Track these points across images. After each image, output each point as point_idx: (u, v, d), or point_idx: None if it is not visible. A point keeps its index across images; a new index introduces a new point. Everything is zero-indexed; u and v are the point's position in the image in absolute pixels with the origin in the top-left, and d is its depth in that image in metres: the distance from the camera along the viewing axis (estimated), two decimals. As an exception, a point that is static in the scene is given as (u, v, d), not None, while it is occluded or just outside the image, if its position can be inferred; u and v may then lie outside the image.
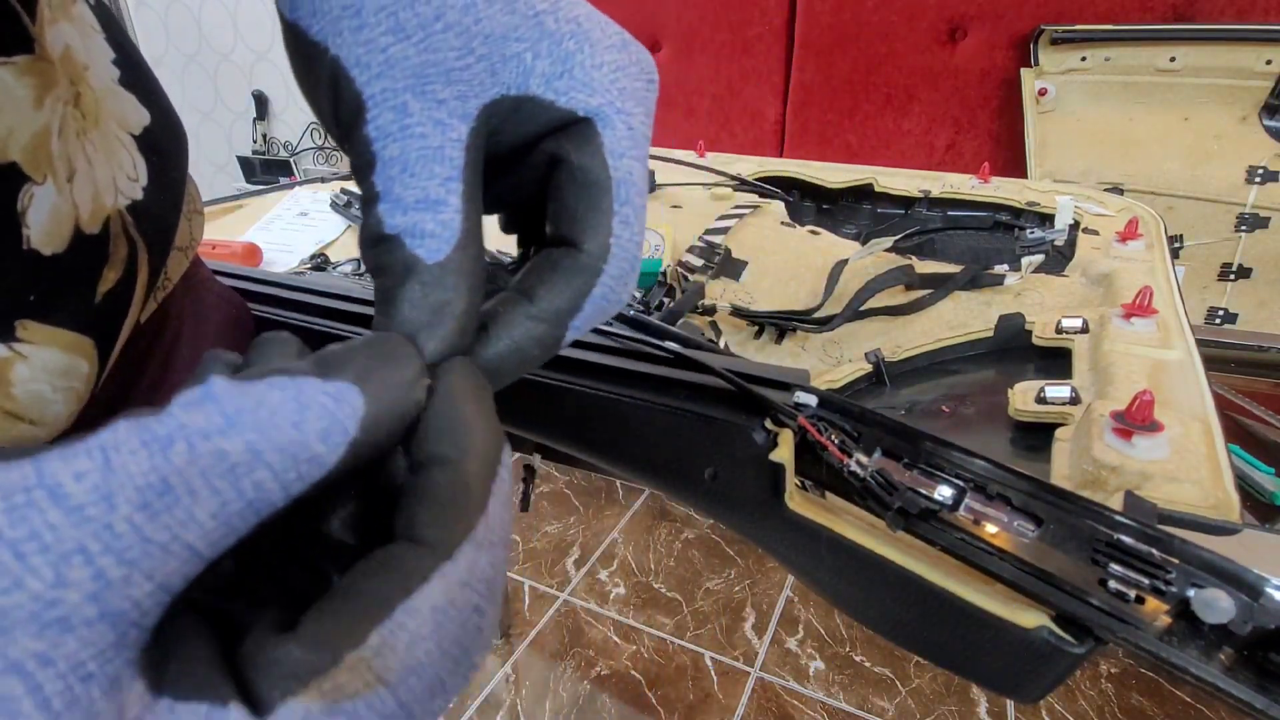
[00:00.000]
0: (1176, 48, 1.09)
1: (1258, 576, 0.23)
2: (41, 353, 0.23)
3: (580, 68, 0.19)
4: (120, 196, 0.27)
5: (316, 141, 2.36)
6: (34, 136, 0.22)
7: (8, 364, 0.22)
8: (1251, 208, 1.05)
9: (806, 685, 1.28)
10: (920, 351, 0.48)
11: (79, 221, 0.24)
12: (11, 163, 0.21)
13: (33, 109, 0.22)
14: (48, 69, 0.23)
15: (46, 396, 0.23)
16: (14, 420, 0.22)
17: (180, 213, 0.32)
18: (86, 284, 0.25)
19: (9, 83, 0.21)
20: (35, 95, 0.22)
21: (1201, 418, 0.34)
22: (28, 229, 0.22)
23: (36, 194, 0.22)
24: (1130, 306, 0.44)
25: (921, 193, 0.77)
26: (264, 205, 0.89)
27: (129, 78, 0.29)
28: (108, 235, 0.26)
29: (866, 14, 1.34)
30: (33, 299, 0.22)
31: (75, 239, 0.24)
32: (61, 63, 0.24)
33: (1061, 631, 0.23)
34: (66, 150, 0.24)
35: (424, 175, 0.17)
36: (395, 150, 0.17)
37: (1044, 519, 0.26)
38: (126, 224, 0.27)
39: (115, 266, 0.26)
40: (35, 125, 0.22)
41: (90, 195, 0.25)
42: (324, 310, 0.45)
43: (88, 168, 0.25)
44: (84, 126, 0.25)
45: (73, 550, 0.11)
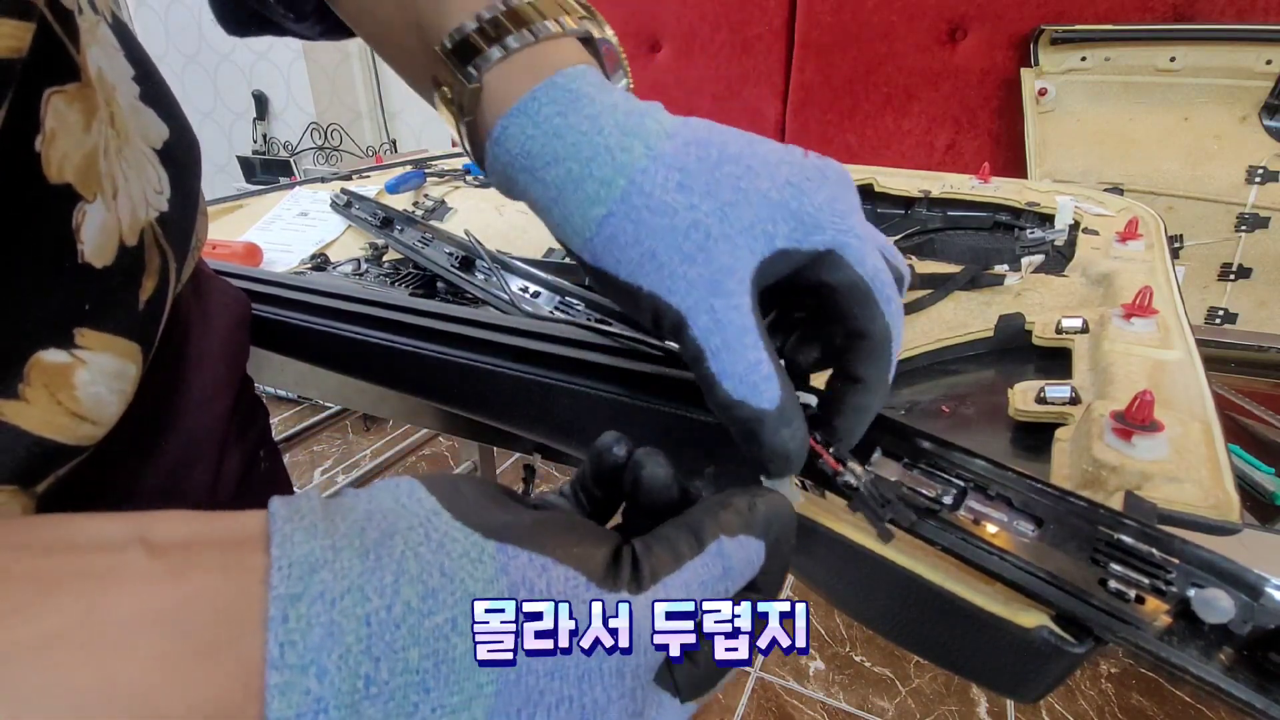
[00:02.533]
0: (1176, 48, 1.09)
1: (1258, 576, 0.23)
2: (98, 358, 0.25)
3: (810, 216, 0.24)
4: (150, 209, 0.29)
5: (316, 141, 2.36)
6: (84, 158, 0.24)
7: (71, 369, 0.24)
8: (1251, 208, 1.05)
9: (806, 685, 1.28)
10: (920, 351, 0.48)
11: (122, 235, 0.26)
12: (67, 184, 0.23)
13: (83, 132, 0.24)
14: (91, 94, 0.25)
15: (104, 398, 0.25)
16: (79, 420, 0.24)
17: (196, 219, 0.34)
18: (131, 293, 0.27)
19: (62, 110, 0.23)
20: (84, 120, 0.24)
21: (1201, 418, 0.34)
22: (82, 244, 0.24)
23: (89, 211, 0.24)
24: (1130, 306, 0.44)
25: (921, 193, 0.77)
26: (264, 205, 0.89)
27: (148, 93, 0.31)
28: (143, 246, 0.28)
29: (866, 14, 1.34)
30: (88, 308, 0.25)
31: (120, 251, 0.26)
32: (98, 85, 0.26)
33: (1061, 631, 0.23)
34: (110, 169, 0.26)
35: (741, 349, 0.23)
36: (717, 341, 0.23)
37: (1044, 519, 0.26)
38: (157, 234, 0.29)
39: (151, 275, 0.28)
40: (86, 147, 0.24)
41: (129, 209, 0.27)
42: (324, 310, 0.45)
43: (125, 184, 0.27)
44: (120, 145, 0.27)
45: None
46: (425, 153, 1.20)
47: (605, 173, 0.24)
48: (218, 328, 0.37)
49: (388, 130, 2.44)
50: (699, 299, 0.23)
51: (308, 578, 0.16)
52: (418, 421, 0.54)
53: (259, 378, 0.58)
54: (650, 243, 0.24)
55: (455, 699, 0.16)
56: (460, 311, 0.43)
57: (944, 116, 1.35)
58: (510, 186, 0.27)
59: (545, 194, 0.25)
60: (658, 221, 0.24)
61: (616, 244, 0.24)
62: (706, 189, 0.24)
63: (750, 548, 0.20)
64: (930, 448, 0.29)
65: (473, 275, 0.62)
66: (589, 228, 0.24)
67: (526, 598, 0.17)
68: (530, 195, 0.26)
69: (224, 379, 0.37)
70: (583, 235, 0.25)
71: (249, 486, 0.39)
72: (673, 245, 0.23)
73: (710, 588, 0.19)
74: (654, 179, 0.24)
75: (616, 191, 0.24)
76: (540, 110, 0.25)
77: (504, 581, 0.17)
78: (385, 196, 0.89)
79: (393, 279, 0.67)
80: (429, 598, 0.16)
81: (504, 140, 0.25)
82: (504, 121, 0.25)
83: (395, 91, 2.36)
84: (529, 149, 0.25)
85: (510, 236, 0.75)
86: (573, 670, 0.17)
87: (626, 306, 0.25)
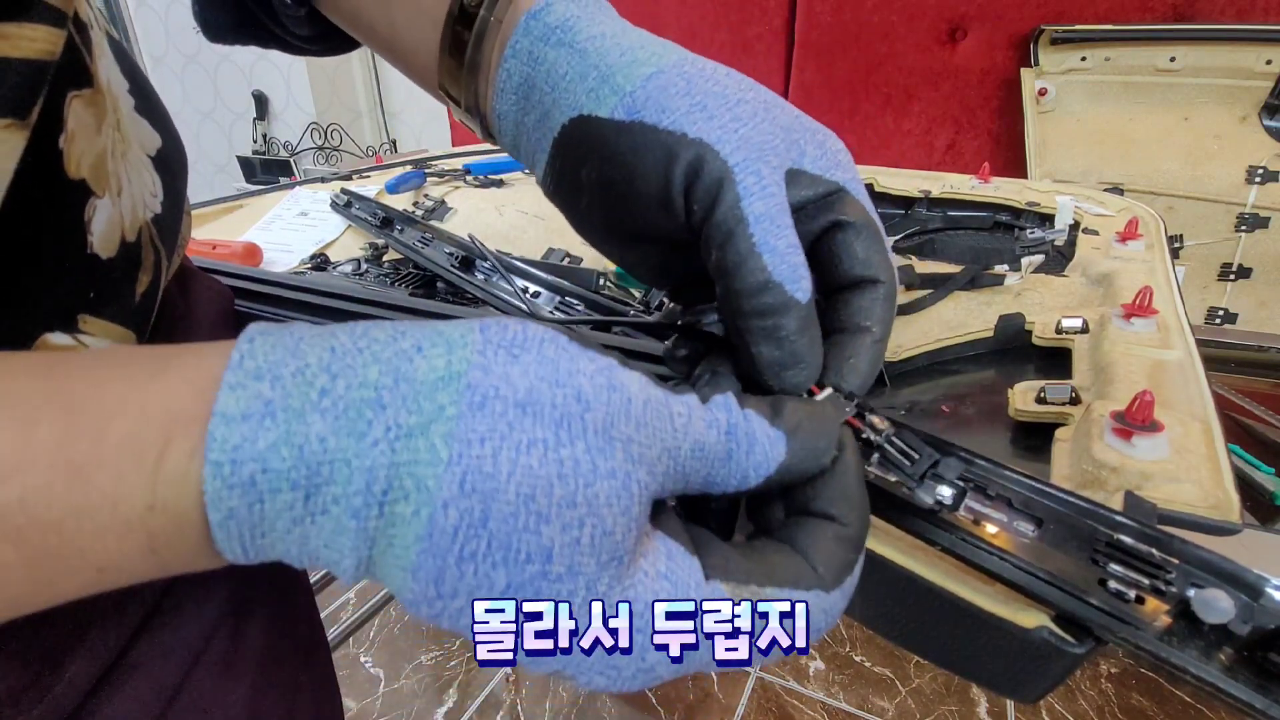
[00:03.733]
0: (1176, 48, 1.09)
1: (1258, 576, 0.23)
2: (99, 344, 0.26)
3: (831, 153, 0.25)
4: (146, 210, 0.31)
5: (316, 141, 2.36)
6: (97, 157, 0.26)
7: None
8: (1251, 208, 1.05)
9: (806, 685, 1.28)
10: (920, 351, 0.48)
11: (124, 230, 0.28)
12: (82, 179, 0.25)
13: (96, 134, 0.26)
14: (102, 99, 0.27)
15: None
16: None
17: (182, 220, 0.35)
18: (128, 285, 0.28)
19: (80, 112, 0.25)
20: (96, 123, 0.26)
21: (1201, 418, 0.34)
22: (91, 236, 0.26)
23: (99, 206, 0.26)
24: (1130, 306, 0.44)
25: (921, 193, 0.77)
26: (264, 205, 0.88)
27: (142, 105, 0.33)
28: (140, 243, 0.29)
29: (866, 14, 1.34)
30: (92, 296, 0.26)
31: (121, 245, 0.28)
32: (106, 92, 0.28)
33: (1061, 631, 0.23)
34: (116, 169, 0.28)
35: (785, 225, 0.22)
36: (760, 207, 0.22)
37: (1044, 519, 0.26)
38: (152, 234, 0.31)
39: (146, 270, 0.30)
40: (98, 147, 0.26)
41: (130, 208, 0.29)
42: (324, 310, 0.45)
43: (128, 184, 0.29)
44: (124, 149, 0.29)
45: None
46: (425, 153, 1.20)
47: (656, 48, 0.24)
48: (202, 321, 0.38)
49: (388, 130, 2.44)
50: (748, 158, 0.22)
51: (278, 332, 0.17)
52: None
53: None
54: (703, 97, 0.23)
55: (413, 419, 0.16)
56: (460, 312, 0.43)
57: (944, 116, 1.35)
58: (534, 65, 0.25)
59: (581, 63, 0.24)
60: (710, 87, 0.23)
61: (666, 94, 0.23)
62: (751, 87, 0.24)
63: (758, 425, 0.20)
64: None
65: (473, 275, 0.63)
66: (634, 81, 0.23)
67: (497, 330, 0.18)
68: (558, 69, 0.25)
69: None
70: (624, 89, 0.23)
71: None
72: (724, 105, 0.23)
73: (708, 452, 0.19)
74: (704, 64, 0.24)
75: (670, 60, 0.24)
76: (586, 3, 0.25)
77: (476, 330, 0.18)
78: (385, 196, 0.89)
79: (393, 279, 0.67)
80: (396, 334, 0.17)
81: (545, 14, 0.25)
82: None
83: (395, 91, 2.36)
84: (572, 24, 0.25)
85: (510, 236, 0.75)
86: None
87: (652, 172, 0.23)
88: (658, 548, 0.19)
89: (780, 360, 0.23)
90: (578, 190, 0.25)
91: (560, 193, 0.26)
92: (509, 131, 0.27)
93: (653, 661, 0.18)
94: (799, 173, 0.24)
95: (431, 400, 0.16)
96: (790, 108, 0.25)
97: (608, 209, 0.25)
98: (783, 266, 0.22)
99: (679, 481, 0.19)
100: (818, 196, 0.24)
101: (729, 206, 0.22)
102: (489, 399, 0.16)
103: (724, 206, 0.22)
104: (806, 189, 0.24)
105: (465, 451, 0.16)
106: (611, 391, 0.18)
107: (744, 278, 0.22)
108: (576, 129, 0.24)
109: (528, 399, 0.17)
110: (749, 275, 0.22)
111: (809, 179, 0.24)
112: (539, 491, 0.16)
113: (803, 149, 0.24)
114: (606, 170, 0.24)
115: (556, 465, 0.16)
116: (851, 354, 0.24)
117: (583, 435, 0.17)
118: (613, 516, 0.17)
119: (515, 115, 0.26)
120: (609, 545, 0.17)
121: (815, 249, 0.25)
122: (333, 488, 0.16)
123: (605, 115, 0.23)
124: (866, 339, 0.24)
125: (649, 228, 0.24)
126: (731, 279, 0.22)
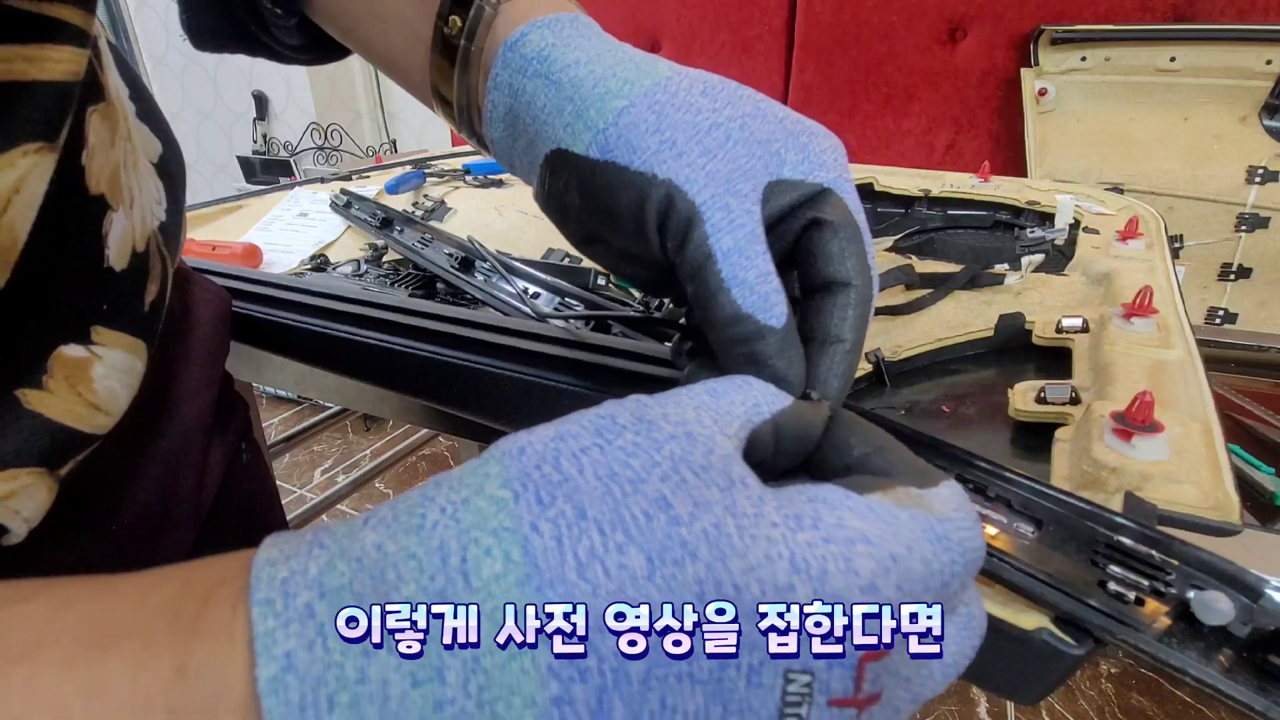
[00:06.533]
0: (1176, 48, 1.09)
1: (1257, 578, 0.23)
2: (112, 354, 0.27)
3: (815, 154, 0.24)
4: (153, 219, 0.31)
5: (316, 141, 2.36)
6: (113, 170, 0.26)
7: (88, 363, 0.26)
8: (1251, 208, 1.05)
9: (806, 685, 1.27)
10: (920, 351, 0.48)
11: (134, 241, 0.28)
12: (100, 194, 0.26)
13: (110, 147, 0.26)
14: (114, 111, 0.27)
15: (116, 391, 0.27)
16: (95, 410, 0.26)
17: (182, 226, 0.36)
18: (138, 295, 0.29)
19: (98, 126, 0.25)
20: (110, 136, 0.27)
21: (1201, 418, 0.34)
22: (108, 249, 0.26)
23: (114, 219, 0.26)
24: (1130, 306, 0.44)
25: (921, 192, 0.77)
26: (264, 205, 0.88)
27: (142, 111, 0.33)
28: (148, 252, 0.30)
29: (866, 14, 1.34)
30: (105, 308, 0.27)
31: (132, 256, 0.28)
32: (117, 103, 0.28)
33: (1061, 633, 0.23)
34: (128, 181, 0.28)
35: (753, 255, 0.22)
36: (729, 242, 0.22)
37: (1043, 520, 0.26)
38: (158, 242, 0.31)
39: (154, 279, 0.30)
40: (114, 161, 0.27)
41: (140, 218, 0.29)
42: (324, 311, 0.45)
43: (138, 195, 0.29)
44: (134, 159, 0.29)
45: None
46: (425, 153, 1.20)
47: (629, 73, 0.24)
48: (200, 323, 0.38)
49: (388, 130, 2.44)
50: (715, 194, 0.22)
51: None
52: (418, 421, 0.54)
53: (259, 378, 0.58)
54: (671, 132, 0.23)
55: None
56: (460, 313, 0.43)
57: (944, 116, 1.35)
58: (514, 96, 0.26)
59: (557, 95, 0.24)
60: (680, 117, 0.23)
61: (635, 131, 0.23)
62: (728, 101, 0.24)
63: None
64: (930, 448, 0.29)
65: (472, 276, 0.62)
66: (605, 118, 0.23)
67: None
68: (536, 102, 0.25)
69: (209, 373, 0.38)
70: (597, 126, 0.23)
71: (233, 479, 0.40)
72: (694, 138, 0.23)
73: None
74: (678, 84, 0.24)
75: (641, 88, 0.23)
76: (562, 28, 0.25)
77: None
78: (385, 197, 0.89)
79: (392, 280, 0.67)
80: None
81: (521, 45, 0.25)
82: (525, 29, 0.25)
83: (395, 91, 2.36)
84: (547, 54, 0.25)
85: (510, 237, 0.75)
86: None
87: (626, 209, 0.23)
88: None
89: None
90: (566, 211, 0.26)
91: (551, 210, 0.27)
92: (503, 154, 0.28)
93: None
94: (778, 182, 0.24)
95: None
96: (775, 111, 0.25)
97: (595, 229, 0.25)
98: (752, 298, 0.22)
99: None
100: (798, 200, 0.24)
101: (697, 245, 0.22)
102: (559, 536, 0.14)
103: (692, 245, 0.22)
104: (786, 195, 0.24)
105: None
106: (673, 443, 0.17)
107: (716, 311, 0.22)
108: (558, 160, 0.25)
109: (599, 500, 0.15)
110: (720, 309, 0.22)
111: (788, 185, 0.24)
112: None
113: (782, 158, 0.24)
114: (587, 201, 0.24)
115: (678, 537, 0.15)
116: (824, 368, 0.24)
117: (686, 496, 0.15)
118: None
119: (506, 141, 0.27)
120: None
121: (794, 249, 0.25)
122: None
123: (581, 152, 0.24)
124: (837, 351, 0.24)
125: (635, 251, 0.25)
126: (706, 311, 0.23)
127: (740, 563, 0.14)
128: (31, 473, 0.24)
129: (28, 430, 0.24)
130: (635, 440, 0.17)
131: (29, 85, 0.20)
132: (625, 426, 0.17)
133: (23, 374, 0.24)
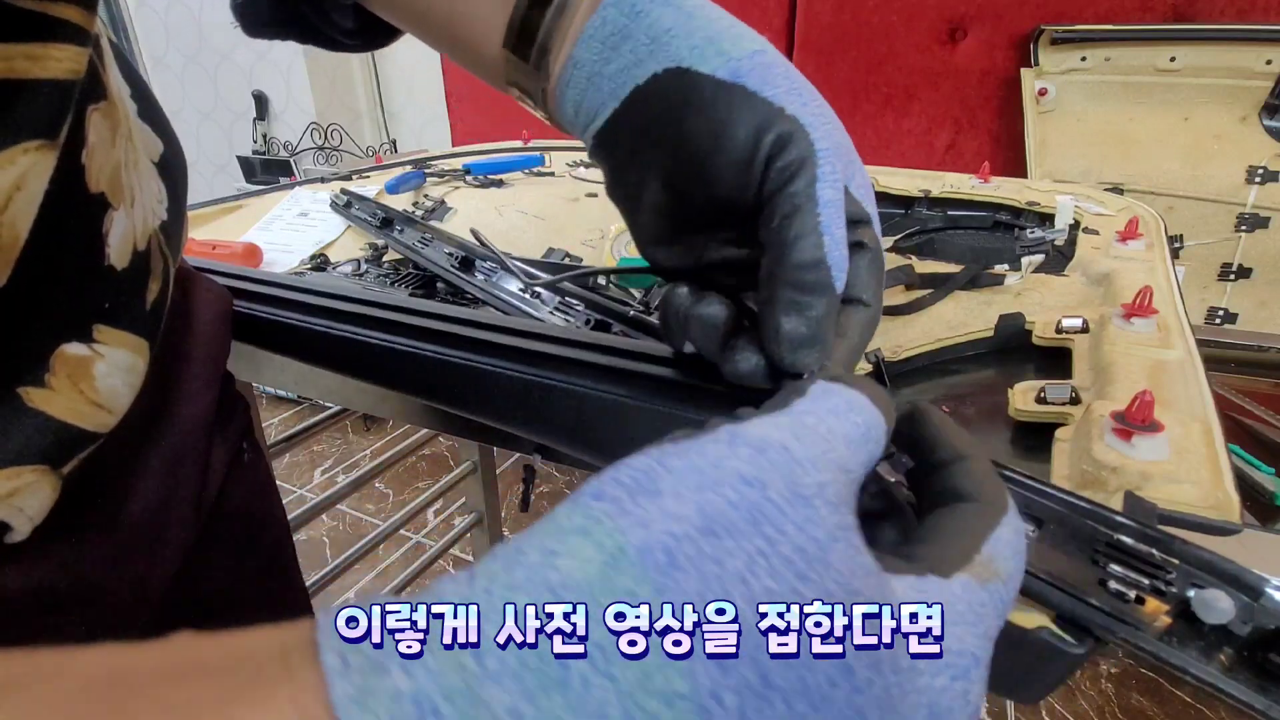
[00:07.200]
0: (1176, 48, 1.09)
1: (1258, 577, 0.23)
2: (114, 353, 0.27)
3: (867, 185, 0.27)
4: (155, 218, 0.31)
5: (316, 141, 2.36)
6: (114, 169, 0.26)
7: (90, 362, 0.26)
8: (1251, 208, 1.05)
9: (806, 685, 1.27)
10: (920, 351, 0.48)
11: (135, 240, 0.28)
12: (101, 193, 0.26)
13: (111, 146, 0.26)
14: (115, 110, 0.27)
15: (119, 389, 0.28)
16: (98, 409, 0.26)
17: (184, 225, 0.36)
18: (140, 294, 0.29)
19: (99, 124, 0.25)
20: (111, 135, 0.27)
21: (1201, 418, 0.34)
22: (109, 248, 0.26)
23: (115, 218, 0.26)
24: (1130, 306, 0.44)
25: (922, 192, 0.77)
26: (264, 205, 0.89)
27: (144, 110, 0.33)
28: (150, 251, 0.30)
29: (866, 14, 1.34)
30: (107, 307, 0.27)
31: (133, 255, 0.28)
32: (118, 102, 0.28)
33: (1061, 632, 0.23)
34: (129, 180, 0.28)
35: (842, 217, 0.24)
36: (830, 194, 0.23)
37: (1044, 519, 0.26)
38: (160, 241, 0.31)
39: (156, 278, 0.30)
40: (114, 160, 0.27)
41: (141, 217, 0.29)
42: (324, 310, 0.45)
43: (139, 194, 0.29)
44: (135, 159, 0.29)
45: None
46: (425, 153, 1.20)
47: (754, 32, 0.26)
48: (202, 323, 0.38)
49: (388, 130, 2.44)
50: (829, 149, 0.24)
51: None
52: (418, 421, 0.54)
53: (259, 378, 0.58)
54: (800, 86, 0.24)
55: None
56: (460, 312, 0.43)
57: (944, 116, 1.35)
58: (632, 17, 0.25)
59: (687, 22, 0.25)
60: (805, 83, 0.25)
61: (770, 71, 0.24)
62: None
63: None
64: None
65: (472, 275, 0.62)
66: (740, 50, 0.24)
67: None
68: (661, 23, 0.25)
69: (210, 372, 0.38)
70: (730, 54, 0.24)
71: (234, 478, 0.40)
72: (816, 102, 0.25)
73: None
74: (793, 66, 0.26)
75: (770, 46, 0.25)
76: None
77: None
78: (385, 197, 0.89)
79: (392, 279, 0.67)
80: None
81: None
82: None
83: (395, 91, 2.36)
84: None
85: (510, 236, 0.75)
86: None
87: (742, 134, 0.24)
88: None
89: (802, 337, 0.24)
90: (639, 136, 0.26)
91: (615, 138, 0.26)
92: (578, 81, 0.27)
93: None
94: (847, 191, 0.25)
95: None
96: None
97: (666, 159, 0.25)
98: (836, 251, 0.23)
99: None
100: (851, 220, 0.25)
101: (806, 184, 0.23)
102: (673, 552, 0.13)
103: (801, 182, 0.23)
104: (849, 207, 0.25)
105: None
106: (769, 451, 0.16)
107: (800, 251, 0.23)
108: (670, 79, 0.25)
109: (704, 519, 0.14)
110: (805, 250, 0.23)
111: (851, 200, 0.26)
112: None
113: (852, 174, 0.26)
114: (692, 123, 0.24)
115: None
116: (851, 332, 0.26)
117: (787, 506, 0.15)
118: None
119: (593, 64, 0.26)
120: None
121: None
122: None
123: (707, 72, 0.24)
124: (842, 345, 0.26)
125: (703, 186, 0.25)
126: (787, 249, 0.23)
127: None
128: (35, 470, 0.24)
129: (31, 428, 0.24)
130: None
131: (30, 83, 0.20)
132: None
133: (25, 372, 0.24)
